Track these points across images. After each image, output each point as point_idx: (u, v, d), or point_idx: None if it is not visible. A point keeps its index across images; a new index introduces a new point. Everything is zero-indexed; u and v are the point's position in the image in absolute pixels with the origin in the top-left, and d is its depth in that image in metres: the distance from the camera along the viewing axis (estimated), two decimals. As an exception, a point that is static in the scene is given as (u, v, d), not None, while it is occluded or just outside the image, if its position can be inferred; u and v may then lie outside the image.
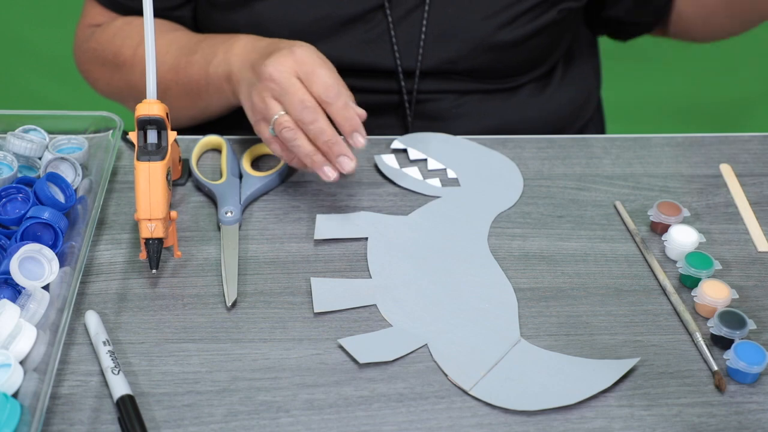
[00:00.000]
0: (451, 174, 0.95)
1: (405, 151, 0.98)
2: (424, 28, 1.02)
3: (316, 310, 0.80)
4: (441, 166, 0.96)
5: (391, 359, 0.76)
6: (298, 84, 0.85)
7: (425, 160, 0.97)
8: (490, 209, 0.92)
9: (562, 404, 0.73)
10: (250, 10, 1.01)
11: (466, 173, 0.96)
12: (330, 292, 0.82)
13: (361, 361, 0.76)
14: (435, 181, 0.94)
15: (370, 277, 0.84)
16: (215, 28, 1.04)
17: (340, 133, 0.86)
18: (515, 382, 0.75)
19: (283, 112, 0.86)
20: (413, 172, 0.95)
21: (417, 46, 1.03)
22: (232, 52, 0.94)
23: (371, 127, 0.89)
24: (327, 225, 0.88)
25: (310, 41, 0.95)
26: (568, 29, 1.10)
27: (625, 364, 0.76)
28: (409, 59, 1.03)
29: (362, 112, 0.86)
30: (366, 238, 0.87)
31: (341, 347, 0.77)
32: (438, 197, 0.93)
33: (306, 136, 0.85)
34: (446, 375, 0.76)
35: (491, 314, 0.81)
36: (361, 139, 0.86)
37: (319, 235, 0.87)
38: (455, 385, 0.75)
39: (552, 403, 0.73)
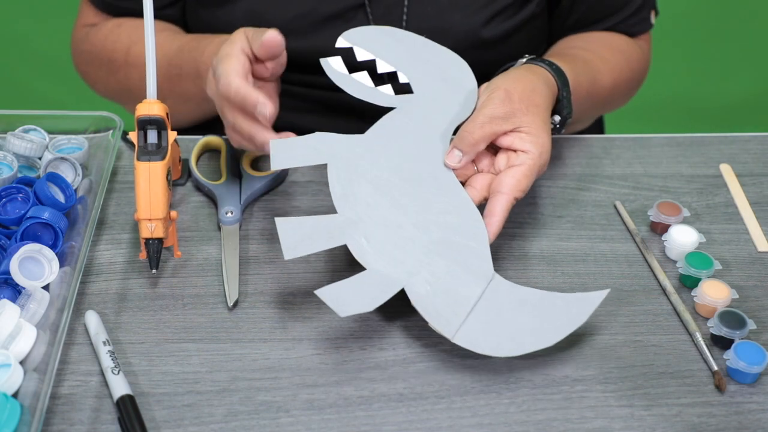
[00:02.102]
0: (402, 78, 0.90)
1: (351, 50, 0.91)
2: (404, 26, 1.02)
3: (286, 258, 0.76)
4: (391, 68, 0.90)
5: (372, 309, 0.75)
6: (213, 92, 0.87)
7: (374, 61, 0.90)
8: (449, 122, 0.88)
9: (541, 347, 0.75)
10: (233, 6, 1.01)
11: (418, 77, 0.90)
12: (297, 233, 0.78)
13: (342, 314, 0.74)
14: (387, 89, 0.89)
15: (336, 212, 0.80)
16: (201, 25, 1.04)
17: None
18: (494, 326, 0.76)
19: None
20: (363, 78, 0.89)
21: None
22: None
23: (356, 129, 0.89)
24: (283, 153, 0.82)
25: (290, 38, 0.95)
26: (547, 25, 1.10)
27: (596, 297, 0.78)
28: None
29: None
30: (325, 166, 0.83)
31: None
32: (392, 108, 0.88)
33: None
34: (427, 322, 0.75)
35: (463, 248, 0.80)
36: (264, 108, 0.83)
37: (276, 164, 0.82)
38: (437, 332, 0.75)
39: (532, 346, 0.75)
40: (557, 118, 0.92)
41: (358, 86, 0.89)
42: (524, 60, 0.94)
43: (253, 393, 0.74)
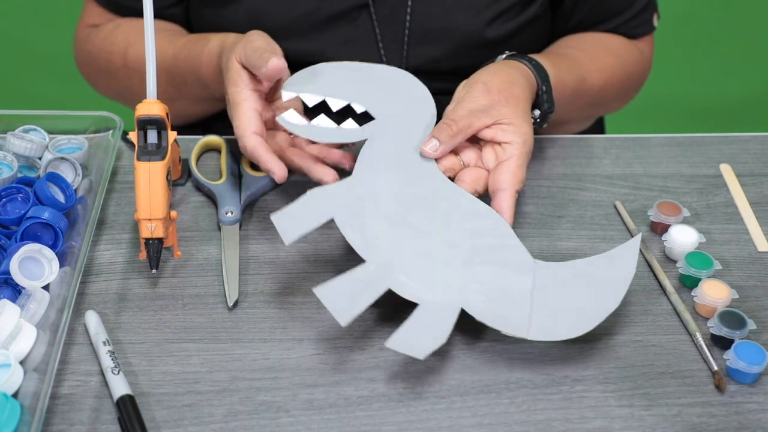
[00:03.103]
0: (358, 108, 0.89)
1: (298, 98, 0.90)
2: (407, 26, 1.02)
3: (343, 324, 0.74)
4: (343, 103, 0.89)
5: (446, 339, 0.74)
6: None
7: (325, 102, 0.89)
8: (420, 132, 0.87)
9: (610, 311, 0.77)
10: (237, 6, 1.01)
11: (371, 101, 0.89)
12: (341, 296, 0.76)
13: (422, 357, 0.73)
14: (350, 124, 0.88)
15: (364, 261, 0.79)
16: (205, 24, 1.04)
17: None
18: (559, 310, 0.77)
19: None
20: (323, 121, 0.88)
21: (401, 45, 1.03)
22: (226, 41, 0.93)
23: None
24: (288, 225, 0.79)
25: (294, 38, 0.95)
26: (550, 26, 1.10)
27: (633, 244, 0.80)
28: (395, 59, 1.03)
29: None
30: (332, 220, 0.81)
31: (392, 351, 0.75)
32: (363, 140, 0.87)
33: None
34: (500, 331, 0.76)
35: (497, 248, 0.80)
36: (276, 176, 0.85)
37: (287, 239, 0.79)
38: (512, 336, 0.76)
39: (602, 313, 0.77)
40: (537, 112, 0.92)
41: (322, 131, 0.88)
42: (504, 56, 0.95)
43: (253, 393, 0.74)
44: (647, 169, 0.99)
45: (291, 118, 0.87)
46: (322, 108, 0.89)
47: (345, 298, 0.75)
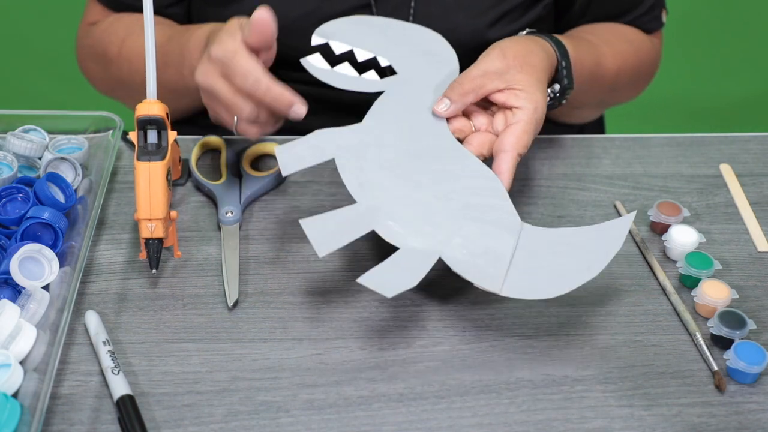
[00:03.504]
0: (383, 62, 0.91)
1: (327, 45, 0.92)
2: None
3: (320, 255, 0.76)
4: (370, 55, 0.91)
5: (416, 283, 0.75)
6: (221, 86, 0.86)
7: (351, 51, 0.91)
8: (436, 91, 0.89)
9: (587, 280, 0.76)
10: (239, 5, 1.01)
11: (397, 56, 0.92)
12: (324, 230, 0.77)
13: (389, 295, 0.73)
14: (371, 74, 0.90)
15: (355, 202, 0.80)
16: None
17: None
18: (536, 271, 0.77)
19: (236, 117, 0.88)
20: (345, 69, 0.91)
21: None
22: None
23: None
24: (289, 157, 0.82)
25: (294, 38, 0.95)
26: (553, 28, 1.10)
27: (626, 220, 0.80)
28: None
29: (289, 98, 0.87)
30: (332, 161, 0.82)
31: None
32: (381, 92, 0.89)
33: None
34: (473, 283, 0.76)
35: (487, 207, 0.81)
36: (301, 108, 0.86)
37: (286, 170, 0.81)
38: (484, 290, 0.76)
39: (578, 281, 0.76)
40: (557, 86, 0.93)
41: (343, 78, 0.90)
42: (524, 32, 0.96)
43: (253, 393, 0.74)
44: (647, 169, 0.99)
45: (315, 62, 0.90)
46: (348, 57, 0.91)
47: (328, 232, 0.77)
